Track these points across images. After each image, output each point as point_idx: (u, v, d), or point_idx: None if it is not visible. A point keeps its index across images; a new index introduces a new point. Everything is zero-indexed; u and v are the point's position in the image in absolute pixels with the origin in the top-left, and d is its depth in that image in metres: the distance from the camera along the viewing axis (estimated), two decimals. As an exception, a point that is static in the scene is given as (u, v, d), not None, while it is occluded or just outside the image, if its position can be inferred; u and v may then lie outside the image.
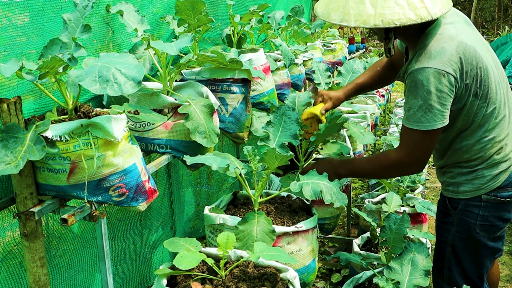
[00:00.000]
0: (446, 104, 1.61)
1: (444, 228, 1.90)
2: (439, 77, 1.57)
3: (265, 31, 2.90)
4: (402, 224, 2.07)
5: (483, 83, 1.66)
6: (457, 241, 1.85)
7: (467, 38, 1.65)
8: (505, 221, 1.82)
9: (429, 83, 1.57)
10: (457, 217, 1.83)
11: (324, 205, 2.53)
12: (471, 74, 1.62)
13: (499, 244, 1.87)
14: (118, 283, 2.22)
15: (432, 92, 1.58)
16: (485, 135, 1.73)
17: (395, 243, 2.04)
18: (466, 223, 1.81)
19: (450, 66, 1.58)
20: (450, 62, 1.58)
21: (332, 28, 5.19)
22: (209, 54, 1.87)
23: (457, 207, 1.82)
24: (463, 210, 1.81)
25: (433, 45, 1.62)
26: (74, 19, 1.45)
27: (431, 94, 1.58)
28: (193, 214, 3.05)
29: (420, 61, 1.61)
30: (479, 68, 1.63)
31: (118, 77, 1.15)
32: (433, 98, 1.58)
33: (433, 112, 1.60)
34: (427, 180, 5.03)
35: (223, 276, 1.50)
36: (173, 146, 1.75)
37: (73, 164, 1.28)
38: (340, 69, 2.85)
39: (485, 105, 1.69)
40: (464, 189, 1.79)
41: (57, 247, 1.80)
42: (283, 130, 2.04)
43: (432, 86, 1.57)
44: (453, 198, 1.83)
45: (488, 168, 1.76)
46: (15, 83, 1.42)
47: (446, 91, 1.59)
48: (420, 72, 1.59)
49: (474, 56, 1.62)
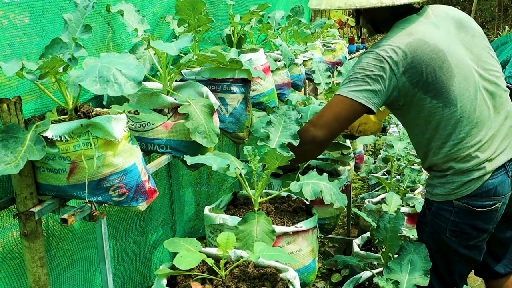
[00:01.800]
0: (372, 86, 1.66)
1: (420, 227, 1.93)
2: (375, 59, 1.65)
3: (265, 31, 2.90)
4: (397, 222, 2.06)
5: (438, 84, 1.66)
6: (430, 243, 1.86)
7: (437, 38, 1.68)
8: (479, 231, 1.77)
9: (365, 61, 1.67)
10: (430, 218, 1.83)
11: (324, 205, 2.53)
12: (418, 71, 1.65)
13: (475, 254, 1.83)
14: (118, 283, 2.22)
15: (363, 67, 1.66)
16: (449, 138, 1.72)
17: (392, 242, 2.04)
18: (438, 226, 1.80)
19: (391, 55, 1.64)
20: (392, 52, 1.64)
21: (332, 28, 5.19)
22: (209, 54, 1.87)
23: (430, 208, 1.83)
24: (435, 212, 1.81)
25: (388, 36, 1.71)
26: (75, 19, 1.45)
27: (362, 69, 1.66)
28: (193, 214, 3.05)
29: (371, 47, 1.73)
30: (435, 69, 1.65)
31: (119, 77, 1.15)
32: (361, 72, 1.66)
33: (356, 84, 1.67)
34: (427, 180, 5.03)
35: (223, 276, 1.51)
36: (173, 146, 1.75)
37: (73, 164, 1.28)
38: (340, 69, 2.85)
39: (442, 106, 1.68)
40: (437, 192, 1.79)
41: (57, 247, 1.80)
42: (283, 130, 2.04)
43: (365, 63, 1.67)
44: (428, 199, 1.85)
45: (458, 174, 1.73)
46: (15, 83, 1.42)
47: (377, 73, 1.65)
48: (364, 53, 1.71)
49: (432, 57, 1.65)
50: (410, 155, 3.16)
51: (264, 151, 1.74)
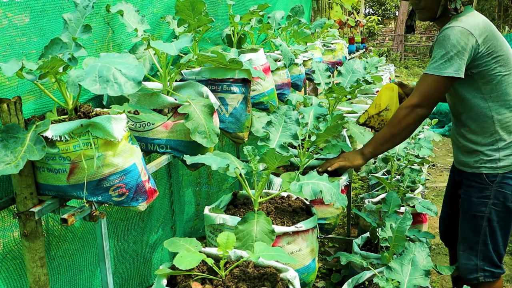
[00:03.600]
0: (464, 59, 1.92)
1: (481, 202, 2.09)
2: (464, 34, 1.91)
3: (265, 31, 2.90)
4: (404, 222, 2.07)
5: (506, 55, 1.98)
6: (493, 214, 2.06)
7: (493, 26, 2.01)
8: None
9: (454, 37, 1.91)
10: (494, 189, 2.05)
11: (324, 205, 2.53)
12: (492, 44, 1.95)
13: None
14: (118, 283, 2.22)
15: (455, 45, 1.91)
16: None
17: (397, 242, 2.04)
18: (503, 194, 2.04)
19: (474, 30, 1.92)
20: (475, 28, 1.92)
21: (332, 28, 5.19)
22: (209, 54, 1.87)
23: (494, 180, 2.05)
24: (500, 182, 2.04)
25: (463, 15, 1.99)
26: (75, 19, 1.45)
27: (454, 47, 1.91)
28: (193, 214, 3.05)
29: (451, 23, 1.97)
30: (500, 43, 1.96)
31: (118, 77, 1.15)
32: (454, 51, 1.91)
33: (451, 62, 1.92)
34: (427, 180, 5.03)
35: (223, 276, 1.51)
36: (173, 146, 1.75)
37: (73, 164, 1.28)
38: (340, 69, 2.85)
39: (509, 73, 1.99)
40: (503, 164, 2.04)
41: (57, 247, 1.80)
42: (284, 130, 2.04)
43: (456, 40, 1.91)
44: (490, 173, 2.05)
45: None
46: (15, 83, 1.42)
47: (466, 48, 1.91)
48: (449, 29, 1.94)
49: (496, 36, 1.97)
50: (410, 155, 3.16)
51: (264, 151, 1.74)
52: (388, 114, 2.31)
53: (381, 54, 17.54)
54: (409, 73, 16.53)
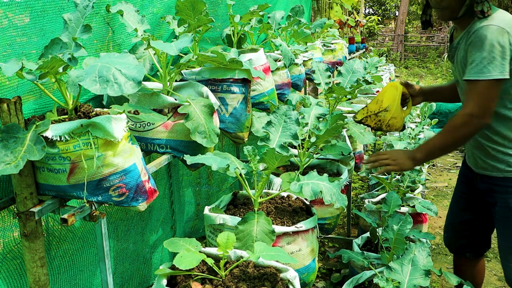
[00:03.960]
0: (507, 58, 1.81)
1: None
2: (502, 33, 1.81)
3: (265, 31, 2.90)
4: (405, 225, 2.07)
5: None
6: None
7: None
8: None
9: (492, 37, 1.81)
10: None
11: (324, 205, 2.53)
12: None
13: None
14: (118, 283, 2.22)
15: (494, 46, 1.80)
16: None
17: (397, 244, 2.04)
18: None
19: (510, 28, 1.82)
20: (510, 26, 1.82)
21: (332, 28, 5.19)
22: (209, 54, 1.87)
23: None
24: None
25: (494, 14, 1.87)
26: (75, 19, 1.45)
27: (494, 47, 1.80)
28: (193, 214, 3.05)
29: (483, 22, 1.85)
30: None
31: (118, 77, 1.15)
32: (495, 51, 1.80)
33: (494, 63, 1.81)
34: (427, 180, 5.03)
35: (223, 276, 1.50)
36: (173, 146, 1.75)
37: (73, 164, 1.28)
38: (340, 69, 2.85)
39: None
40: None
41: (57, 247, 1.80)
42: (284, 130, 2.04)
43: (495, 40, 1.80)
44: None
45: None
46: (15, 83, 1.42)
47: (506, 47, 1.80)
48: (485, 29, 1.82)
49: None
50: (410, 155, 3.16)
51: (264, 151, 1.74)
52: (386, 115, 2.28)
53: (381, 54, 17.54)
54: (409, 73, 16.54)
